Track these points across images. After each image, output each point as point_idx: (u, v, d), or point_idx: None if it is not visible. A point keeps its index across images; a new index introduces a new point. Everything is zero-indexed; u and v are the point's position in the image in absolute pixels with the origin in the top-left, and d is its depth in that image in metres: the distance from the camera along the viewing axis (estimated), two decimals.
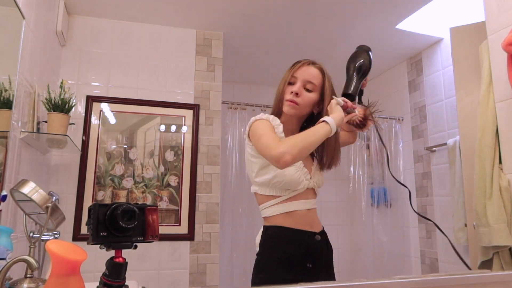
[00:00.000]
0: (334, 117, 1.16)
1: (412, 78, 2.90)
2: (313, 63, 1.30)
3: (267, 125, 1.20)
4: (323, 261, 1.26)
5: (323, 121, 1.15)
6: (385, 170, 2.98)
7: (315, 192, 1.30)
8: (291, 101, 1.24)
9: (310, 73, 1.26)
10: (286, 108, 1.26)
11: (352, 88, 1.28)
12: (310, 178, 1.27)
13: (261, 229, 1.25)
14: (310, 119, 1.32)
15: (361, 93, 1.35)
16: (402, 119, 2.98)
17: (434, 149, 2.61)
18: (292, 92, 1.24)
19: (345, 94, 1.28)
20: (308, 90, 1.26)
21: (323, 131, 1.13)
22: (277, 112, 1.30)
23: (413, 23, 2.44)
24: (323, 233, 1.29)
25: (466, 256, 2.30)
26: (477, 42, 1.54)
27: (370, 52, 1.30)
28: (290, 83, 1.27)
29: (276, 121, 1.24)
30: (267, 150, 1.11)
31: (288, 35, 2.61)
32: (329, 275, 1.25)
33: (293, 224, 1.21)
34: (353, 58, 1.33)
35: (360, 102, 1.34)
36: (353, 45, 2.76)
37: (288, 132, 1.26)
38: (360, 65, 1.30)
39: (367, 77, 1.33)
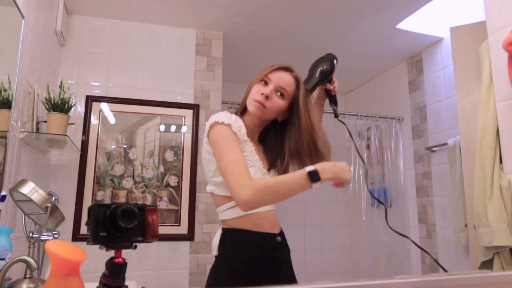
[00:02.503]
0: (322, 171, 1.02)
1: (412, 78, 2.90)
2: (290, 70, 1.26)
3: (229, 135, 1.13)
4: (285, 263, 1.23)
5: (309, 172, 1.01)
6: (385, 170, 2.98)
7: None
8: (260, 102, 1.20)
9: (285, 80, 1.22)
10: (252, 108, 1.22)
11: (308, 85, 1.33)
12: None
13: (219, 231, 1.20)
14: (272, 123, 1.30)
15: (333, 99, 1.42)
16: (403, 119, 2.98)
17: (434, 149, 2.61)
18: (262, 93, 1.20)
19: None
20: (279, 96, 1.22)
21: (300, 185, 1.02)
22: (243, 108, 1.28)
23: (413, 23, 2.44)
24: (282, 234, 1.25)
25: (466, 256, 2.30)
26: (478, 41, 1.54)
27: (334, 61, 1.36)
28: (263, 82, 1.23)
29: (238, 123, 1.17)
30: (232, 185, 1.03)
31: (288, 35, 2.61)
32: (292, 276, 1.24)
33: (252, 227, 1.16)
34: (319, 61, 1.38)
35: (333, 103, 1.42)
36: (354, 44, 2.77)
37: (248, 131, 1.22)
38: (322, 70, 1.35)
39: (333, 83, 1.39)
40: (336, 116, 1.40)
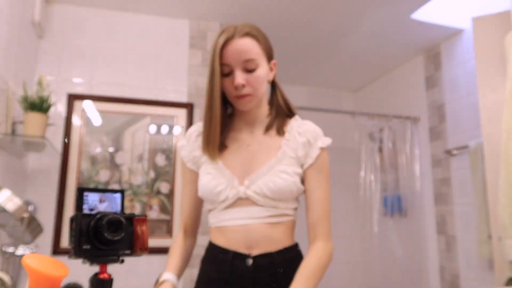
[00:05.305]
0: None
1: (429, 74, 2.90)
2: (239, 33, 1.08)
3: (183, 170, 1.19)
4: None
5: None
6: (399, 175, 2.98)
7: (257, 203, 1.04)
8: (241, 96, 1.05)
9: (243, 50, 1.05)
10: (240, 106, 1.08)
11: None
12: (244, 185, 1.05)
13: None
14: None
15: None
16: (419, 119, 2.98)
17: (454, 152, 2.61)
18: (236, 87, 1.03)
19: None
20: (251, 70, 1.05)
21: None
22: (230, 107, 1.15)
23: (431, 12, 2.44)
24: (267, 257, 1.04)
25: (491, 272, 2.29)
26: (502, 33, 1.55)
27: None
28: (225, 75, 1.05)
29: (188, 142, 1.15)
30: None
31: (292, 26, 2.61)
32: None
33: (222, 242, 1.08)
34: None
35: None
36: (364, 37, 2.77)
37: (245, 124, 1.14)
38: None
39: None
40: None
